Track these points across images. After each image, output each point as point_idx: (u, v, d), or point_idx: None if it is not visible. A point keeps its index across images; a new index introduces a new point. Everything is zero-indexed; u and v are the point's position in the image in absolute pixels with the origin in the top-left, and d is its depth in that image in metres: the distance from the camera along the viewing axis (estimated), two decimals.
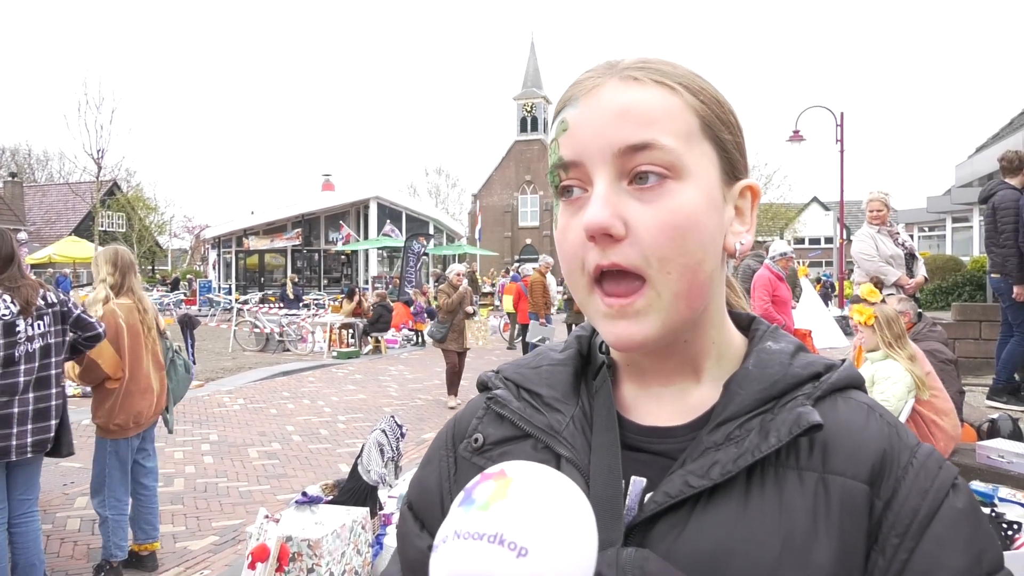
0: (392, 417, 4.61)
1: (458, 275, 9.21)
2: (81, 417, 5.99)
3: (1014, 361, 5.43)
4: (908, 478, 0.58)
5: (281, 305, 17.13)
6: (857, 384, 0.67)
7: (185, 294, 25.53)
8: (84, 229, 32.62)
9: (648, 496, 0.61)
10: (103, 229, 30.12)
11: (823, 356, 0.68)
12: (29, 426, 3.21)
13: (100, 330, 3.50)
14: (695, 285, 0.60)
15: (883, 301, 5.36)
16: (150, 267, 39.61)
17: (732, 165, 0.64)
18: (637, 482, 0.62)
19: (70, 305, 3.41)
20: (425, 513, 0.74)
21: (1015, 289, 5.30)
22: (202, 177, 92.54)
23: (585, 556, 0.48)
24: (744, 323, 0.72)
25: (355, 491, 4.15)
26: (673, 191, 0.59)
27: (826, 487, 0.58)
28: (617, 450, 0.64)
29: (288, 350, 14.37)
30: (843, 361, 0.69)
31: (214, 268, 29.41)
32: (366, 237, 27.10)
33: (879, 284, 4.16)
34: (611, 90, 0.61)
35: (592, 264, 0.60)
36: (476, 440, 0.72)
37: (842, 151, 17.75)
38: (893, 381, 3.56)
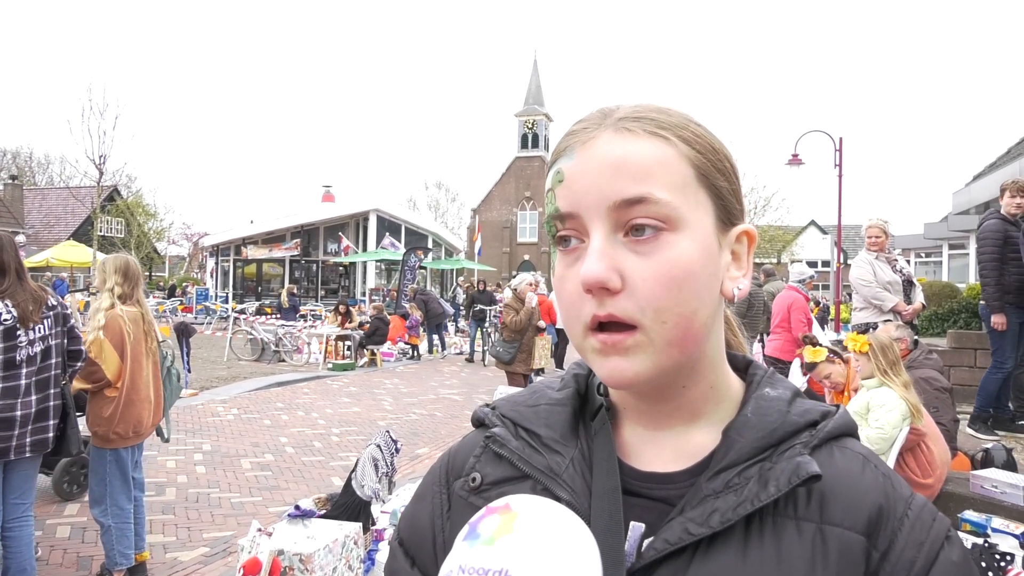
0: (387, 432, 4.60)
1: (530, 284, 7.98)
2: None
3: (988, 390, 5.45)
4: (904, 530, 0.59)
5: (278, 315, 17.10)
6: (851, 432, 0.67)
7: (182, 301, 25.49)
8: (83, 234, 32.58)
9: (647, 542, 0.61)
10: (102, 234, 30.09)
11: (819, 403, 0.69)
12: (29, 427, 3.23)
13: (83, 347, 3.54)
14: (689, 333, 0.61)
15: (866, 332, 5.40)
16: (147, 273, 39.57)
17: (727, 211, 0.65)
18: (636, 528, 0.62)
19: (68, 312, 3.44)
20: (416, 550, 0.73)
21: (992, 318, 5.36)
22: (202, 185, 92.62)
23: None
24: (741, 366, 0.73)
25: (348, 506, 4.13)
26: (669, 243, 0.59)
27: (824, 537, 0.59)
28: (618, 496, 0.63)
29: (283, 360, 14.33)
30: (837, 408, 0.69)
31: (212, 276, 29.36)
32: (365, 249, 27.11)
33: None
34: (606, 143, 0.61)
35: (588, 315, 0.60)
36: (474, 479, 0.71)
37: (840, 175, 17.83)
38: (888, 409, 3.57)
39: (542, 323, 8.12)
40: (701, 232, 0.61)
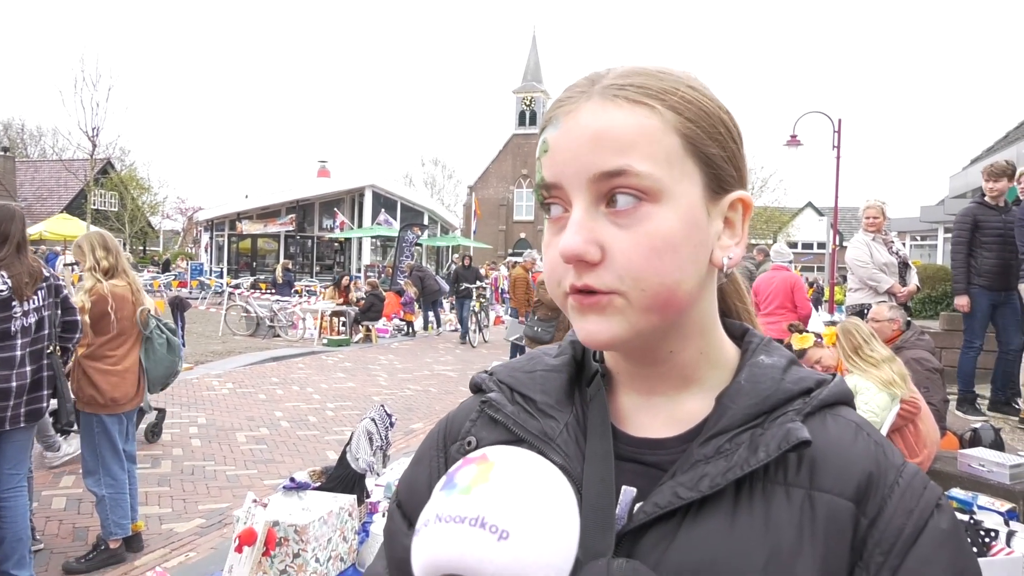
0: (382, 406, 4.63)
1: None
2: None
3: (964, 370, 5.52)
4: (894, 497, 0.59)
5: (272, 291, 17.08)
6: (846, 400, 0.67)
7: (176, 276, 25.41)
8: (76, 207, 32.35)
9: (638, 506, 0.61)
10: (95, 208, 29.90)
11: (814, 371, 0.68)
12: (24, 397, 3.25)
13: (77, 318, 3.55)
14: (672, 302, 0.60)
15: (863, 313, 5.44)
16: (141, 248, 39.40)
17: (719, 179, 0.63)
18: (627, 492, 0.62)
19: (61, 283, 3.45)
20: (413, 512, 0.72)
21: (956, 299, 5.45)
22: (197, 159, 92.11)
23: (566, 540, 0.48)
24: (738, 333, 0.72)
25: (343, 478, 4.17)
26: (649, 214, 0.59)
27: (812, 504, 0.59)
28: (611, 461, 0.64)
29: (278, 336, 14.34)
30: (834, 376, 0.69)
31: (206, 251, 29.26)
32: (360, 225, 27.03)
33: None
34: (588, 112, 0.60)
35: (567, 285, 0.61)
36: (470, 443, 0.72)
37: (838, 157, 17.82)
38: (874, 391, 3.60)
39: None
40: (685, 203, 0.60)
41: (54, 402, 3.66)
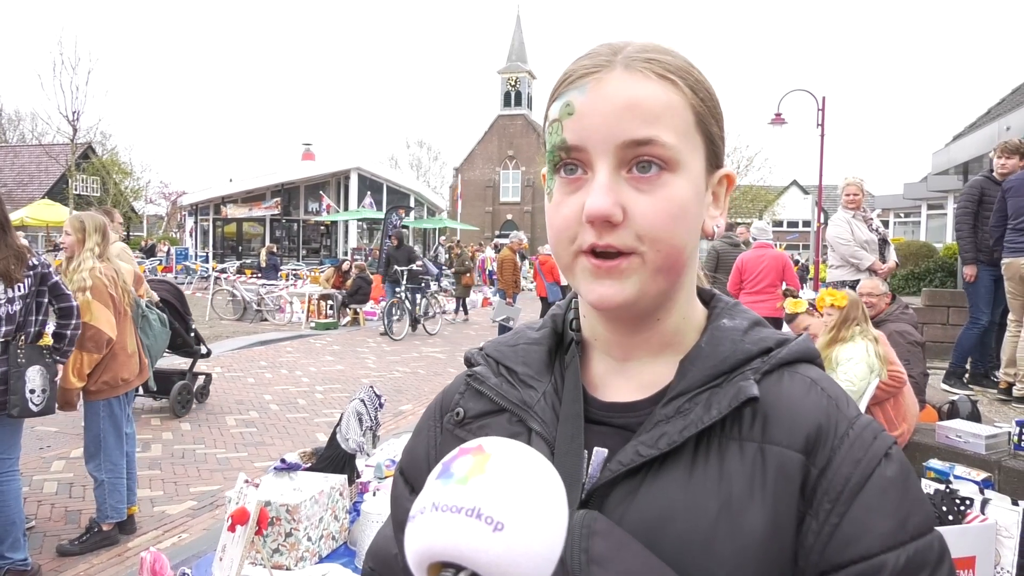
0: (371, 387, 4.64)
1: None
2: None
3: (964, 346, 5.59)
4: (843, 448, 0.63)
5: (259, 275, 17.00)
6: (809, 358, 0.70)
7: (161, 261, 25.20)
8: (57, 192, 31.90)
9: (607, 465, 0.66)
10: (77, 193, 29.53)
11: (779, 332, 0.71)
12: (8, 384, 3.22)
13: (74, 303, 3.50)
14: (677, 263, 0.65)
15: (853, 287, 5.50)
16: (125, 233, 38.98)
17: (716, 155, 0.69)
18: (599, 452, 0.67)
19: (49, 270, 3.41)
20: (414, 479, 0.80)
21: (964, 270, 5.49)
22: (179, 142, 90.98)
23: (556, 532, 0.50)
24: (706, 298, 0.76)
25: (333, 459, 4.20)
26: (668, 182, 0.63)
27: (764, 456, 0.63)
28: (580, 421, 0.69)
29: (266, 320, 14.31)
30: (799, 336, 0.73)
31: (191, 235, 29.03)
32: (346, 208, 26.91)
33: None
34: (618, 81, 0.63)
35: (587, 243, 0.64)
36: (458, 413, 0.77)
37: (823, 135, 17.88)
38: (856, 362, 3.67)
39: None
40: (694, 174, 0.65)
41: None
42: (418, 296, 13.56)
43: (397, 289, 13.10)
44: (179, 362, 7.40)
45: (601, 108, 0.63)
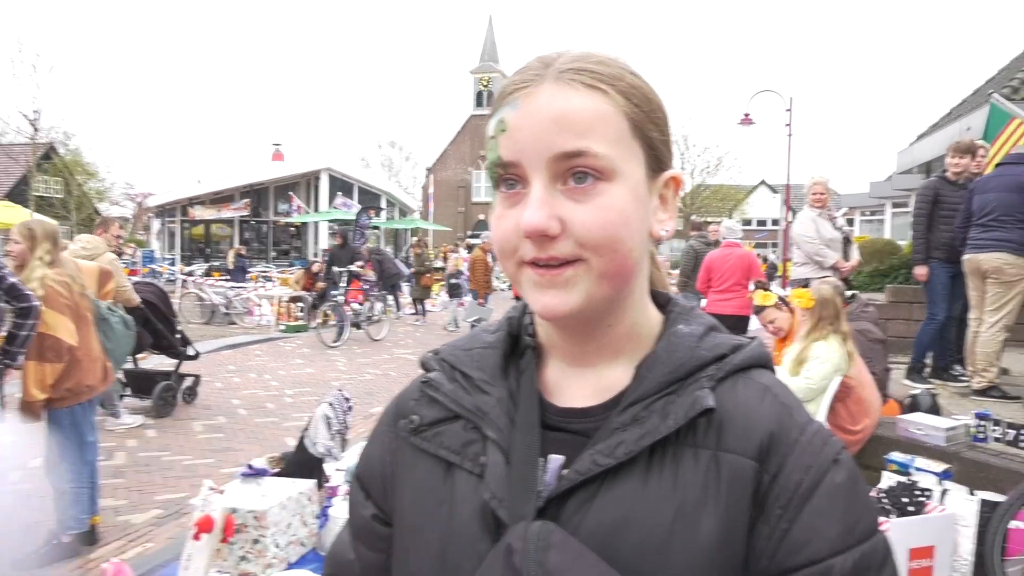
0: (339, 390, 4.61)
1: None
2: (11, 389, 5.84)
3: (923, 342, 5.71)
4: (794, 454, 0.64)
5: (227, 277, 16.77)
6: (762, 363, 0.71)
7: (127, 264, 24.73)
8: (18, 194, 31.07)
9: (563, 473, 0.66)
10: (39, 195, 28.86)
11: (733, 336, 0.72)
12: None
13: (34, 303, 3.41)
14: (623, 269, 0.65)
15: (805, 286, 5.60)
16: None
17: (657, 160, 0.69)
18: (555, 460, 0.67)
19: (4, 272, 3.33)
20: (369, 484, 0.80)
21: (915, 270, 5.62)
22: (145, 143, 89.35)
23: None
24: (662, 302, 0.76)
25: (301, 463, 4.15)
26: (604, 191, 0.63)
27: (718, 463, 0.64)
28: (536, 429, 0.69)
29: (234, 323, 14.12)
30: (752, 340, 0.73)
31: (158, 238, 28.55)
32: (317, 209, 26.67)
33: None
34: (548, 95, 0.63)
35: (528, 256, 0.64)
36: (412, 421, 0.76)
37: (790, 135, 18.17)
38: (821, 361, 3.73)
39: None
40: (633, 180, 0.65)
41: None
42: (370, 300, 12.91)
43: (333, 292, 12.37)
44: (169, 363, 7.38)
45: (531, 123, 0.64)
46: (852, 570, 0.61)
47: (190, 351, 7.21)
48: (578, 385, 0.72)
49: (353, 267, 12.67)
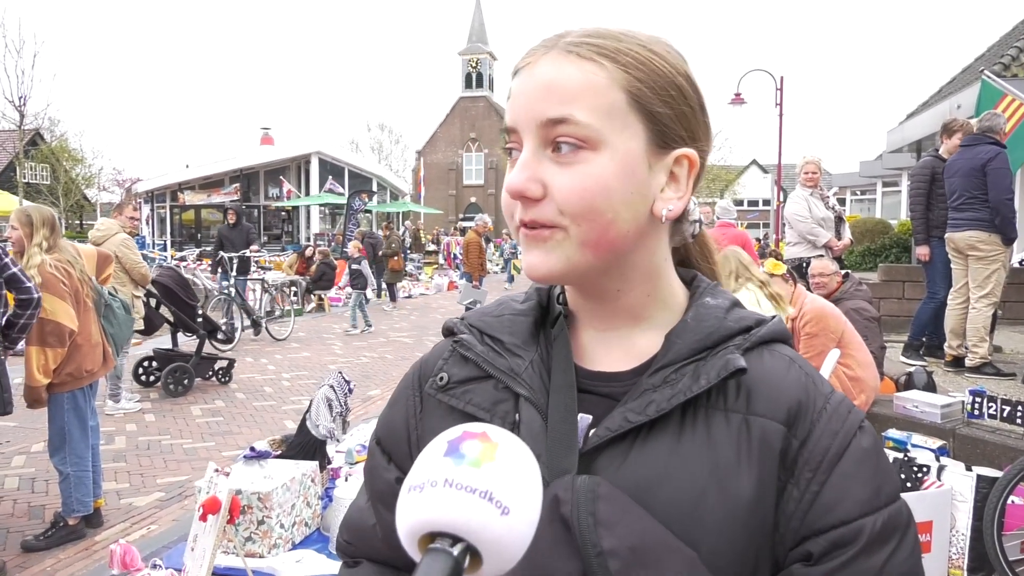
0: (340, 373, 4.63)
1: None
2: (14, 376, 5.83)
3: (921, 320, 5.77)
4: (822, 421, 0.67)
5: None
6: (783, 339, 0.74)
7: None
8: (5, 180, 30.81)
9: (592, 431, 0.68)
10: (26, 181, 28.55)
11: (755, 312, 0.75)
12: None
13: (35, 295, 3.41)
14: (604, 239, 0.66)
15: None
16: (78, 222, 37.82)
17: (664, 135, 0.68)
18: (583, 419, 0.69)
19: (6, 260, 3.32)
20: (392, 448, 0.81)
21: (916, 250, 5.66)
22: (133, 128, 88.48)
23: (537, 518, 0.54)
24: (687, 279, 0.79)
25: (304, 445, 4.19)
26: (586, 159, 0.65)
27: (748, 426, 0.66)
28: (573, 390, 0.71)
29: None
30: (773, 317, 0.76)
31: (147, 223, 28.32)
32: (307, 193, 26.49)
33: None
34: (545, 64, 0.66)
35: (517, 219, 0.68)
36: (441, 379, 0.77)
37: (781, 115, 18.14)
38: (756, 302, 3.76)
39: None
40: (623, 153, 0.65)
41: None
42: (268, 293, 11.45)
43: (225, 282, 10.30)
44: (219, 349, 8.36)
45: (526, 90, 0.67)
46: (881, 529, 0.64)
47: (218, 335, 7.94)
48: (607, 350, 0.74)
49: (248, 251, 11.05)
